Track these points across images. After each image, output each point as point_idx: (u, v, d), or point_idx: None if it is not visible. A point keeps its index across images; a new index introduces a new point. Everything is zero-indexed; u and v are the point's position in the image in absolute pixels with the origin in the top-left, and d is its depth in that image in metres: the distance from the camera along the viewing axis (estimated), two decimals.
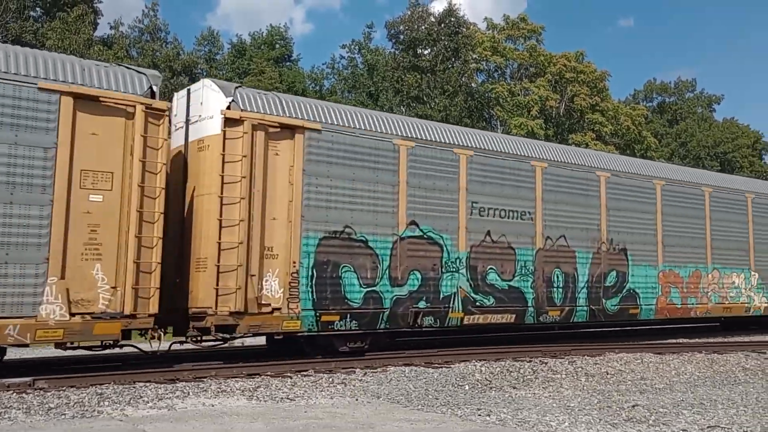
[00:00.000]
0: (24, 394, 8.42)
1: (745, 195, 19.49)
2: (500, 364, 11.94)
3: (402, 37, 42.89)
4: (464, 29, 42.91)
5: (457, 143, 13.68)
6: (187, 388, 9.12)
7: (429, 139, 13.30)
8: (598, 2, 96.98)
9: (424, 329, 13.20)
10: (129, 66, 10.93)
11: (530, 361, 12.34)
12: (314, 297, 11.50)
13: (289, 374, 10.44)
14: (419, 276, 12.77)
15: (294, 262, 11.31)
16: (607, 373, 11.58)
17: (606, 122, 44.05)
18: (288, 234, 11.31)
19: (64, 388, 8.83)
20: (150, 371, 10.07)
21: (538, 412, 7.73)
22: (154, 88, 10.46)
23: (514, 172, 14.43)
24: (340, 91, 46.93)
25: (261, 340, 13.74)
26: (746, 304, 18.98)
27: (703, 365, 12.72)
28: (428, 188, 13.05)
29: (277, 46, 49.50)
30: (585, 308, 15.17)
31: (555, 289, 14.72)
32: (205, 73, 41.75)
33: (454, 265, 13.26)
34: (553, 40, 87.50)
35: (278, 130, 11.44)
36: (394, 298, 12.42)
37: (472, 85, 44.13)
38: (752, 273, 19.27)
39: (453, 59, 42.16)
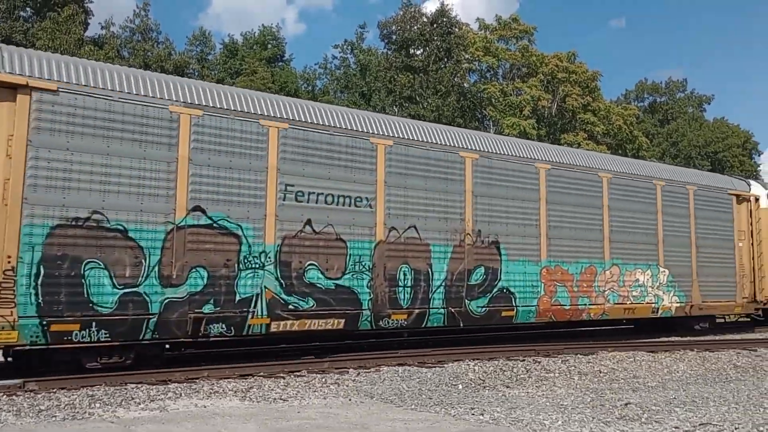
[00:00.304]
0: (14, 396, 8.36)
1: (654, 182, 17.35)
2: (494, 363, 11.95)
3: (394, 37, 42.90)
4: (456, 29, 42.96)
5: (269, 114, 11.46)
6: (179, 389, 9.08)
7: (226, 107, 11.04)
8: (590, 3, 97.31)
9: (212, 339, 10.75)
10: None
11: (523, 360, 12.35)
12: (40, 301, 9.17)
13: (281, 375, 10.41)
14: (205, 274, 10.50)
15: (9, 258, 8.98)
16: (600, 372, 11.61)
17: (598, 122, 44.18)
18: (1, 221, 8.99)
19: (54, 390, 8.78)
20: (141, 373, 10.01)
21: (531, 411, 7.73)
22: None
23: (347, 150, 12.19)
24: (333, 91, 46.89)
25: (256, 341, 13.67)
26: (653, 305, 16.93)
27: (695, 363, 12.76)
28: (221, 166, 10.79)
29: (270, 46, 49.45)
30: (442, 310, 13.00)
31: (401, 289, 12.52)
32: (197, 74, 41.66)
33: (258, 261, 11.02)
34: (545, 40, 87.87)
35: None
36: (166, 301, 10.12)
37: (465, 85, 44.17)
38: (661, 269, 17.24)
39: (445, 59, 42.18)
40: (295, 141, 11.67)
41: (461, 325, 13.37)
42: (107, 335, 9.63)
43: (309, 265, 11.59)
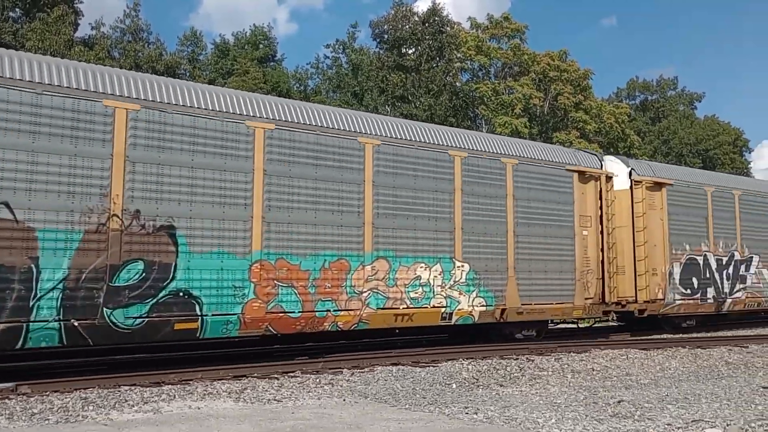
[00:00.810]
0: (6, 400, 8.32)
1: (450, 153, 13.77)
2: (487, 362, 11.98)
3: (386, 36, 42.91)
4: (448, 28, 42.99)
5: None
6: (173, 391, 9.06)
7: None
8: (581, 2, 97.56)
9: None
10: None
11: (517, 359, 12.39)
12: None
13: (276, 375, 10.41)
14: None
15: None
16: (593, 370, 11.65)
17: (590, 120, 44.29)
18: None
19: (47, 393, 8.75)
20: (135, 374, 9.99)
21: (525, 410, 7.76)
22: None
23: None
24: (325, 91, 46.87)
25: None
26: (443, 309, 13.40)
27: (687, 360, 12.82)
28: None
29: (261, 46, 49.39)
30: (54, 324, 9.40)
31: None
32: (188, 74, 41.56)
33: None
34: (537, 39, 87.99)
35: None
36: None
37: (457, 84, 44.21)
38: (457, 264, 13.67)
39: (437, 58, 42.21)
40: None
41: (92, 343, 9.87)
42: None
43: None
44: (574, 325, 19.24)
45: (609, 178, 16.88)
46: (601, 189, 16.43)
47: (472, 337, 15.09)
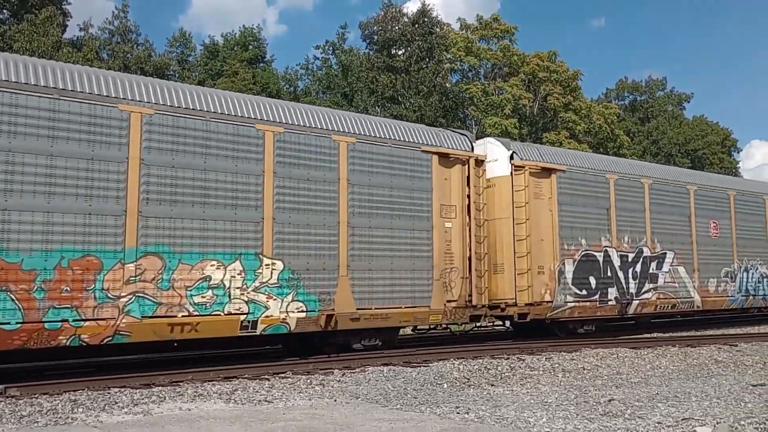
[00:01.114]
0: None
1: (258, 127, 11.60)
2: (478, 361, 11.99)
3: (376, 37, 42.92)
4: (438, 29, 43.06)
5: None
6: (164, 392, 9.03)
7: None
8: (570, 3, 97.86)
9: None
10: None
11: (508, 358, 12.40)
12: None
13: (266, 376, 10.38)
14: None
15: None
16: (584, 369, 11.68)
17: (579, 121, 44.46)
18: None
19: (36, 396, 8.69)
20: (125, 376, 9.94)
21: (516, 409, 7.77)
22: None
23: None
24: (315, 92, 46.81)
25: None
26: (243, 317, 11.17)
27: (677, 359, 12.88)
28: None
29: (251, 47, 49.24)
30: None
31: None
32: (177, 75, 41.41)
33: None
34: (526, 40, 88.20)
35: None
36: None
37: (447, 85, 44.28)
38: (266, 261, 11.44)
39: (427, 59, 42.26)
40: None
41: None
42: None
43: None
44: (448, 332, 16.24)
45: (480, 162, 14.55)
46: (469, 174, 14.18)
47: (309, 349, 12.68)
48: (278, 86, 45.68)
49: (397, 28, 42.22)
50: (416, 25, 42.31)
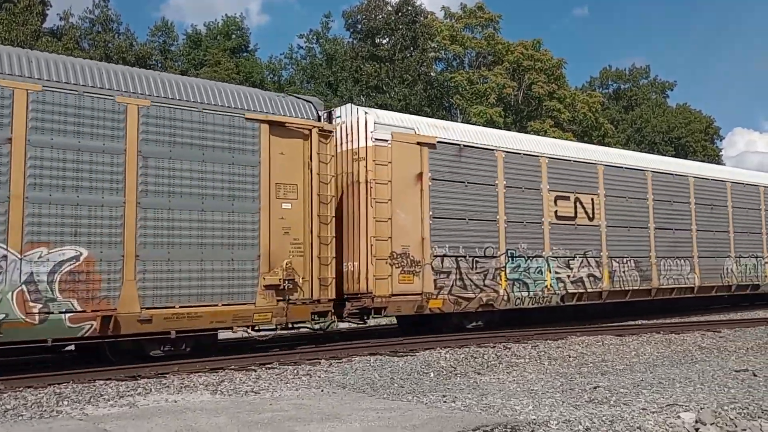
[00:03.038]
0: None
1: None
2: (464, 350, 12.03)
3: (359, 26, 42.75)
4: (422, 18, 42.94)
5: None
6: (149, 384, 8.98)
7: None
8: None
9: None
10: None
11: (494, 347, 12.45)
12: None
13: (253, 367, 10.35)
14: None
15: None
16: (570, 356, 11.75)
17: (563, 109, 44.60)
18: None
19: (20, 389, 8.61)
20: (110, 369, 9.88)
21: (502, 397, 7.80)
22: None
23: None
24: (299, 81, 46.59)
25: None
26: None
27: (661, 345, 12.99)
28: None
29: (233, 36, 48.90)
30: None
31: None
32: (160, 65, 41.04)
33: None
34: (510, 28, 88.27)
35: None
36: None
37: (431, 74, 44.22)
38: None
39: (411, 48, 42.16)
40: None
41: None
42: None
43: None
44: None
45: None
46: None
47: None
48: (262, 76, 45.41)
49: (380, 17, 42.08)
50: (400, 14, 42.18)
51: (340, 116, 13.67)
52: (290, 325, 12.10)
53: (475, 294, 14.28)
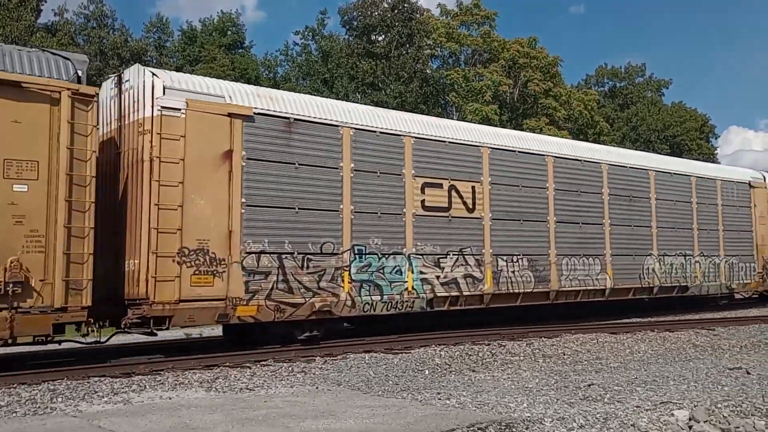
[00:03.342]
0: None
1: None
2: (459, 347, 12.04)
3: (355, 23, 42.67)
4: (418, 15, 42.90)
5: None
6: (144, 381, 8.97)
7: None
8: None
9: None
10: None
11: (489, 344, 12.47)
12: None
13: (248, 364, 10.35)
14: None
15: None
16: (564, 354, 11.78)
17: (559, 107, 44.61)
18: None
19: (14, 386, 8.59)
20: (105, 366, 9.87)
21: (497, 394, 7.81)
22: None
23: None
24: (295, 78, 46.50)
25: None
26: None
27: (655, 343, 13.03)
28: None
29: (229, 32, 48.75)
30: None
31: None
32: (155, 61, 40.92)
33: None
34: (506, 26, 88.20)
35: None
36: None
37: (427, 71, 44.20)
38: None
39: (407, 45, 42.12)
40: None
41: None
42: None
43: None
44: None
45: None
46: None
47: None
48: (257, 72, 45.31)
49: (376, 13, 42.01)
50: (396, 11, 42.11)
51: (128, 80, 11.39)
52: (20, 340, 9.57)
53: (306, 299, 11.88)
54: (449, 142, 14.42)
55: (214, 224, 11.06)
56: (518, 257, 15.32)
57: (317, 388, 8.56)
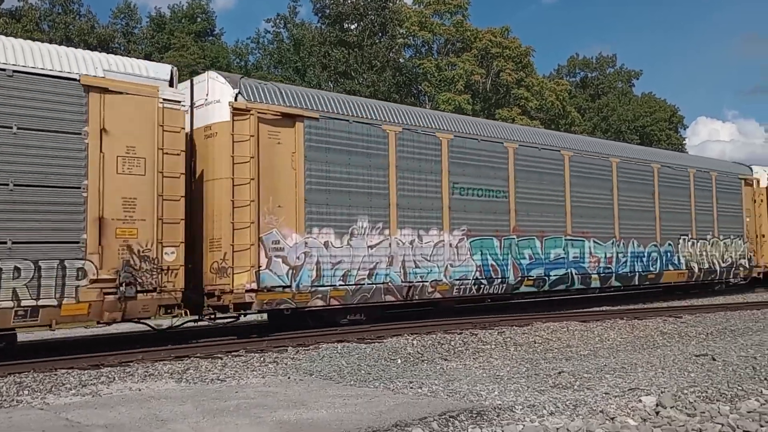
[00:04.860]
0: None
1: None
2: (431, 336, 12.08)
3: (328, 11, 42.37)
4: (391, 4, 42.74)
5: None
6: (113, 373, 8.87)
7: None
8: None
9: None
10: None
11: (461, 333, 12.53)
12: None
13: (219, 355, 10.27)
14: None
15: None
16: (535, 342, 11.88)
17: (531, 97, 44.85)
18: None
19: None
20: (72, 357, 9.73)
21: (468, 383, 7.86)
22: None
23: None
24: (266, 67, 46.10)
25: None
26: None
27: (624, 331, 13.20)
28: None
29: (199, 19, 48.14)
30: None
31: None
32: (123, 48, 40.26)
33: None
34: (479, 15, 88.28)
35: None
36: None
37: (400, 60, 44.11)
38: None
39: (380, 34, 41.97)
40: None
41: None
42: None
43: None
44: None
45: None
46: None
47: None
48: (228, 60, 44.83)
49: (349, 2, 41.76)
50: None
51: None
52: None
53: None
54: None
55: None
56: None
57: (289, 378, 8.54)
